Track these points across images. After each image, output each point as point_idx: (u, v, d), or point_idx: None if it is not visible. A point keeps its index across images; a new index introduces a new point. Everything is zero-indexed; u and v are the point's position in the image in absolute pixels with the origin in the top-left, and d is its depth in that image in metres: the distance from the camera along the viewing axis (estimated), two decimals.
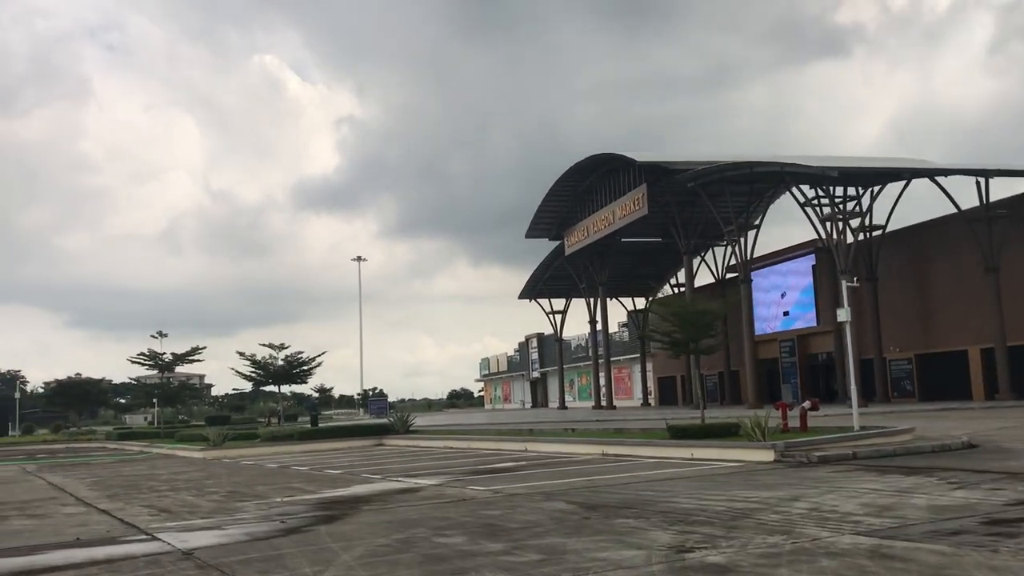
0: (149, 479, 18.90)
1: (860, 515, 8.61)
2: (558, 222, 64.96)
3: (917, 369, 47.63)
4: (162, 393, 47.05)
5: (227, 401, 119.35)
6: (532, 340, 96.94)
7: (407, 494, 12.87)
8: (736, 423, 18.34)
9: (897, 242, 47.49)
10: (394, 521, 9.80)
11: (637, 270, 68.46)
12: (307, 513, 11.12)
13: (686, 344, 20.14)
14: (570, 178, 59.38)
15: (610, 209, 56.89)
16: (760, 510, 9.28)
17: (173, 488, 16.09)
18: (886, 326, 47.78)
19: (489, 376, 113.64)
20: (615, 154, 53.10)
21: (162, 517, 11.48)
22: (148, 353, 41.15)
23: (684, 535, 7.92)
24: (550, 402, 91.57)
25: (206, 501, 13.39)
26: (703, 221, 52.16)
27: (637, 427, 26.85)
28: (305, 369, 34.06)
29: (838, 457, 14.54)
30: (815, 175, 40.93)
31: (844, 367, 49.41)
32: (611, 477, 13.76)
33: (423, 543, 8.18)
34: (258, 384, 38.27)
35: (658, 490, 11.67)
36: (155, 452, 32.97)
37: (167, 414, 68.69)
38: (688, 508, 9.73)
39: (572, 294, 73.40)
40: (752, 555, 6.80)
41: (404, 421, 31.22)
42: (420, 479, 15.16)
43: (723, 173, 46.41)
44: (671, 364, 67.36)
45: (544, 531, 8.55)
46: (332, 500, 12.61)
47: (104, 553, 8.62)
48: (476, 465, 17.89)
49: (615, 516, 9.32)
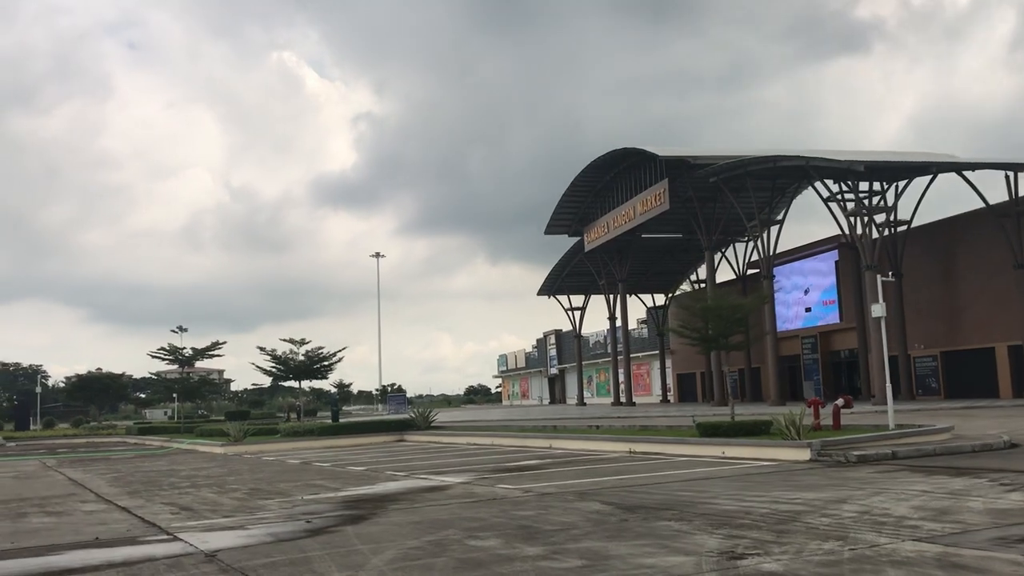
0: (170, 475, 18.64)
1: (916, 519, 8.17)
2: (578, 218, 64.46)
3: (943, 366, 46.91)
4: (182, 388, 46.93)
5: (246, 396, 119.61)
6: (550, 337, 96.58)
7: (434, 492, 12.51)
8: (767, 421, 17.90)
9: (922, 238, 46.75)
10: (423, 522, 9.44)
11: (657, 266, 67.88)
12: (332, 512, 10.78)
13: (716, 340, 19.68)
14: (590, 173, 58.83)
15: (631, 204, 56.34)
16: (807, 513, 8.86)
17: (194, 485, 15.80)
18: (911, 323, 47.10)
19: (507, 372, 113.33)
20: (636, 149, 52.51)
21: (183, 516, 11.17)
22: (168, 348, 41.07)
23: (732, 540, 7.51)
24: (568, 398, 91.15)
25: (228, 499, 13.08)
26: (725, 217, 51.54)
27: (662, 424, 26.43)
28: (326, 364, 33.79)
29: (877, 457, 14.08)
30: (841, 169, 40.25)
31: (867, 364, 48.88)
32: (644, 476, 13.35)
33: (456, 546, 7.81)
34: (278, 379, 38.03)
35: (695, 490, 11.26)
36: (175, 447, 32.80)
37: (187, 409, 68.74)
38: (730, 510, 9.31)
39: (591, 290, 72.92)
40: (810, 563, 6.39)
41: (426, 417, 30.89)
42: (446, 476, 14.80)
43: (746, 167, 45.77)
44: (691, 361, 66.84)
45: (582, 534, 8.16)
46: (357, 498, 12.26)
47: (123, 554, 8.29)
48: (502, 462, 17.52)
49: (655, 518, 8.92)
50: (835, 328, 53.60)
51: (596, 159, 56.21)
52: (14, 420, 61.31)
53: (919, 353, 47.92)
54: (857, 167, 39.05)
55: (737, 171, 46.29)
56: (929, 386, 47.63)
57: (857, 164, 39.13)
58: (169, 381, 49.24)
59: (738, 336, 20.34)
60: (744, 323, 19.91)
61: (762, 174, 46.79)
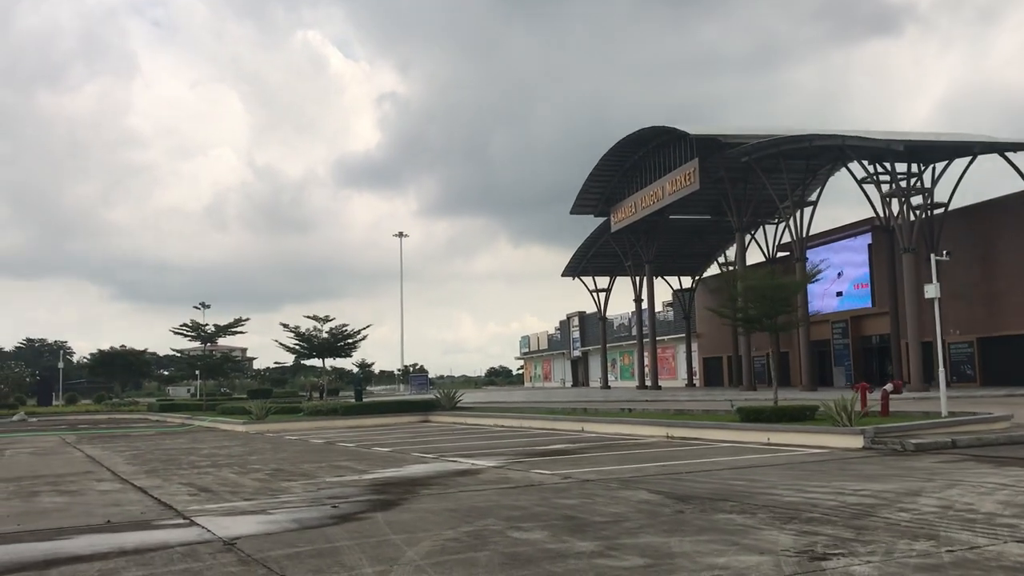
0: (189, 453, 18.06)
1: (1008, 517, 7.36)
2: (604, 198, 63.46)
3: (979, 353, 45.75)
4: (204, 365, 46.55)
5: (269, 375, 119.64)
6: (574, 319, 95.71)
7: (466, 476, 11.80)
8: (812, 406, 17.09)
9: (960, 220, 45.43)
10: (459, 510, 8.72)
11: (684, 248, 66.82)
12: (360, 496, 10.08)
13: (760, 320, 18.82)
14: (619, 151, 57.79)
15: (659, 184, 55.29)
16: (881, 507, 8.06)
17: (214, 464, 15.18)
18: (946, 308, 45.75)
19: (529, 354, 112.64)
20: (667, 127, 51.45)
21: (202, 498, 10.51)
22: (191, 324, 40.59)
23: (807, 536, 6.73)
24: (591, 381, 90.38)
25: (249, 480, 12.43)
26: (756, 197, 50.46)
27: (692, 408, 25.62)
28: (350, 342, 33.17)
29: (936, 446, 13.23)
30: (879, 149, 39.09)
31: (900, 350, 47.80)
32: (688, 463, 12.57)
33: (498, 538, 7.08)
34: (301, 357, 37.49)
35: (748, 479, 10.47)
36: (196, 425, 32.36)
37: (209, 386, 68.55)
38: (793, 502, 8.53)
39: (617, 272, 71.91)
40: (906, 567, 5.60)
41: (451, 398, 30.22)
42: (477, 460, 14.08)
43: (779, 147, 44.65)
44: (717, 345, 65.90)
45: (636, 527, 7.40)
46: (385, 481, 11.58)
47: (135, 540, 7.62)
48: (533, 446, 16.80)
49: (713, 510, 8.15)
50: (867, 313, 52.45)
51: (626, 136, 55.16)
52: (36, 396, 61.36)
53: (955, 339, 46.75)
54: (896, 146, 37.89)
55: (770, 150, 45.18)
56: (964, 373, 46.51)
57: (896, 143, 37.96)
58: (192, 358, 48.90)
59: (783, 317, 19.42)
60: (788, 303, 19.02)
61: (795, 154, 45.66)
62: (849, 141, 40.64)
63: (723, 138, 47.83)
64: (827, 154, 46.11)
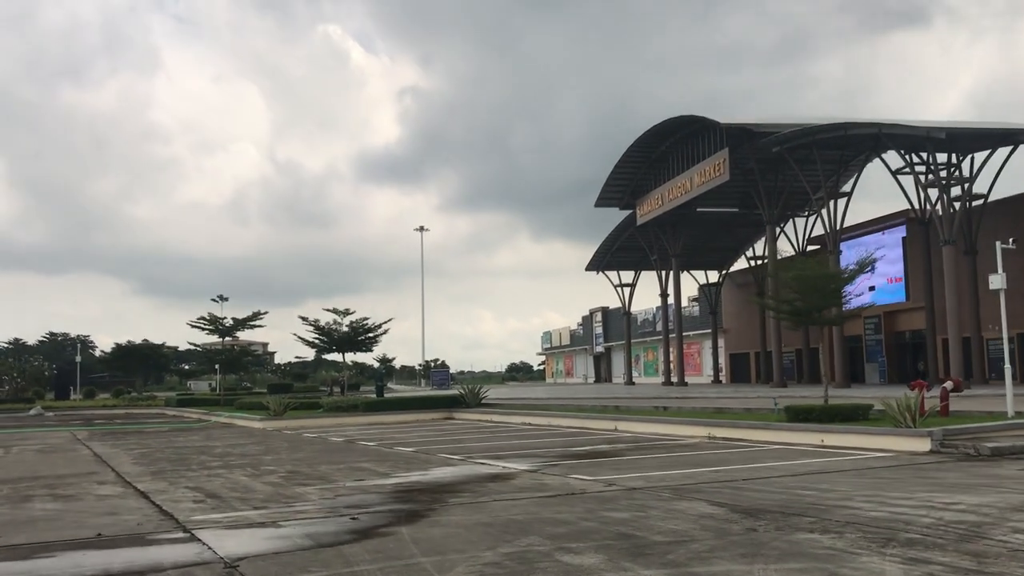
0: (201, 452, 17.09)
1: None
2: (630, 190, 62.14)
3: (1020, 348, 44.21)
4: (224, 359, 45.73)
5: (289, 369, 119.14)
6: (596, 314, 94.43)
7: (499, 482, 10.71)
8: (864, 404, 15.92)
9: (1000, 212, 43.84)
10: (495, 524, 7.64)
11: (711, 242, 65.38)
12: (382, 506, 9.03)
13: (809, 313, 17.62)
14: (644, 143, 56.48)
15: (687, 176, 53.93)
16: (988, 526, 6.91)
17: (226, 465, 14.19)
18: (985, 303, 44.36)
19: (551, 350, 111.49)
20: (695, 116, 50.09)
21: (207, 506, 9.49)
22: (208, 317, 39.70)
23: (918, 567, 5.60)
24: (614, 377, 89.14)
25: (261, 484, 11.40)
26: (788, 189, 49.07)
27: (731, 406, 24.38)
28: (371, 336, 32.11)
29: (1013, 450, 12.03)
30: (919, 137, 37.61)
31: (936, 346, 46.34)
32: (742, 468, 11.42)
33: (547, 563, 5.99)
34: (321, 351, 36.47)
35: (817, 488, 9.33)
36: (213, 420, 31.50)
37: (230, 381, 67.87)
38: (880, 517, 7.40)
39: (642, 266, 70.56)
40: None
41: (476, 394, 29.11)
42: (508, 462, 13.00)
43: (813, 136, 43.23)
44: (745, 340, 64.60)
45: (706, 549, 6.29)
46: (410, 487, 10.51)
47: (123, 560, 6.60)
48: (567, 447, 15.70)
49: (790, 528, 7.03)
50: (901, 308, 50.95)
51: (653, 126, 53.83)
52: (54, 390, 60.90)
53: (993, 335, 45.23)
54: (938, 134, 36.42)
55: (803, 139, 43.78)
56: (1003, 370, 44.98)
57: (937, 130, 36.49)
58: (211, 352, 48.16)
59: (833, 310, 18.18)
60: (839, 295, 17.80)
61: (829, 143, 44.22)
62: (887, 129, 39.22)
63: (754, 127, 46.47)
64: (862, 143, 44.63)
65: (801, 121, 45.82)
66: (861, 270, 18.53)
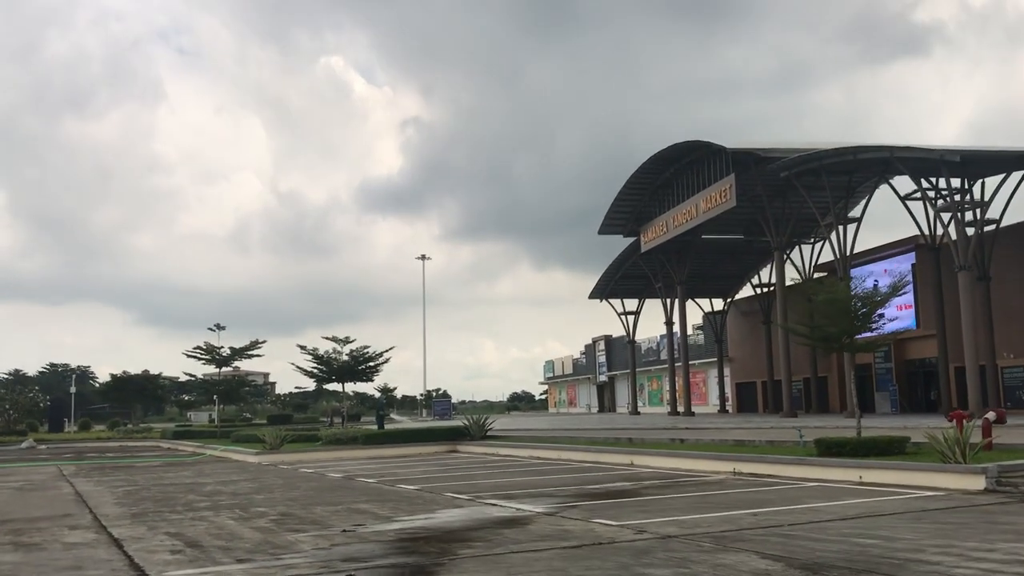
0: (190, 491, 15.94)
1: None
2: (634, 217, 61.24)
3: None
4: (222, 390, 44.60)
5: (290, 400, 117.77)
6: (599, 343, 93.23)
7: (515, 528, 9.58)
8: (900, 437, 14.82)
9: (1012, 238, 42.90)
10: None
11: (716, 269, 64.38)
12: (383, 559, 7.92)
13: (838, 339, 16.54)
14: (648, 170, 55.66)
15: (693, 202, 53.04)
16: None
17: (214, 506, 13.05)
18: (999, 330, 43.28)
19: (554, 379, 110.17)
20: (701, 141, 49.29)
21: (185, 557, 8.37)
22: (205, 346, 38.66)
23: None
24: (618, 407, 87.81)
25: (249, 529, 10.27)
26: (795, 215, 48.15)
27: (742, 437, 23.19)
28: (372, 366, 31.04)
29: None
30: (932, 160, 36.67)
31: (948, 374, 45.22)
32: (785, 511, 10.27)
33: None
34: (320, 381, 35.41)
35: (877, 536, 8.22)
36: (208, 454, 30.33)
37: (230, 412, 66.64)
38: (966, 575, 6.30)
39: (646, 294, 69.47)
40: None
41: (481, 425, 27.94)
42: (522, 503, 11.88)
43: (822, 160, 42.34)
44: (751, 369, 63.47)
45: None
46: (414, 534, 9.39)
47: None
48: (583, 483, 14.57)
49: None
50: (912, 335, 49.84)
51: (659, 152, 53.06)
52: (49, 422, 59.65)
53: (1008, 363, 44.16)
54: (952, 157, 35.46)
55: (812, 164, 42.89)
56: (1018, 398, 43.86)
57: (952, 154, 35.56)
58: (209, 383, 47.08)
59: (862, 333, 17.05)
60: (869, 319, 16.71)
61: (838, 168, 43.33)
62: (898, 152, 38.31)
63: (762, 152, 45.63)
64: (871, 168, 43.74)
65: (807, 146, 45.00)
66: (895, 292, 17.52)
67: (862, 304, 16.30)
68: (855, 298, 16.37)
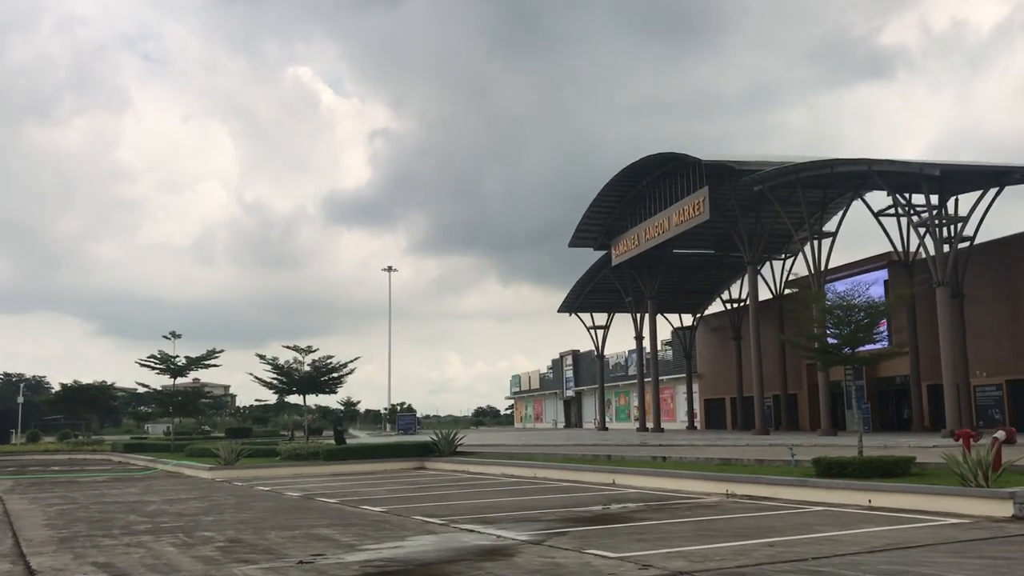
0: (131, 510, 14.49)
1: None
2: (605, 230, 60.34)
3: (1008, 396, 42.59)
4: (177, 401, 42.77)
5: (250, 413, 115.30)
6: (567, 357, 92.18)
7: (497, 561, 8.33)
8: (905, 457, 13.79)
9: (987, 254, 42.43)
10: None
11: (685, 284, 63.66)
12: None
13: (839, 351, 15.51)
14: (621, 182, 54.80)
15: (665, 215, 52.20)
16: None
17: (155, 529, 11.66)
18: (973, 349, 42.76)
19: (520, 394, 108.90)
20: (675, 153, 48.52)
21: None
22: (159, 356, 36.95)
23: None
24: (585, 422, 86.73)
25: (190, 559, 8.93)
26: (768, 230, 47.46)
27: (723, 455, 22.07)
28: (335, 377, 29.62)
29: None
30: (911, 174, 36.03)
31: (920, 392, 44.66)
32: (800, 541, 9.10)
33: None
34: (280, 392, 33.92)
35: (918, 572, 7.10)
36: (160, 468, 28.75)
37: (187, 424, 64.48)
38: None
39: (616, 308, 68.58)
40: None
41: (451, 441, 26.60)
42: (503, 529, 10.62)
43: (798, 173, 41.64)
44: (720, 385, 62.78)
45: None
46: (382, 568, 8.11)
47: None
48: (567, 506, 13.33)
49: None
50: (883, 352, 49.25)
51: (631, 164, 52.21)
52: None
53: (981, 382, 43.64)
54: (931, 171, 34.82)
55: (788, 177, 42.18)
56: (992, 417, 43.30)
57: (931, 167, 34.91)
58: (165, 394, 45.23)
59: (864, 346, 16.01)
60: (872, 330, 15.71)
61: (814, 182, 42.67)
62: (876, 166, 37.65)
63: (736, 164, 44.88)
64: (848, 181, 43.15)
65: (783, 159, 44.35)
66: (900, 300, 16.55)
67: (864, 314, 15.31)
68: (857, 308, 15.39)
